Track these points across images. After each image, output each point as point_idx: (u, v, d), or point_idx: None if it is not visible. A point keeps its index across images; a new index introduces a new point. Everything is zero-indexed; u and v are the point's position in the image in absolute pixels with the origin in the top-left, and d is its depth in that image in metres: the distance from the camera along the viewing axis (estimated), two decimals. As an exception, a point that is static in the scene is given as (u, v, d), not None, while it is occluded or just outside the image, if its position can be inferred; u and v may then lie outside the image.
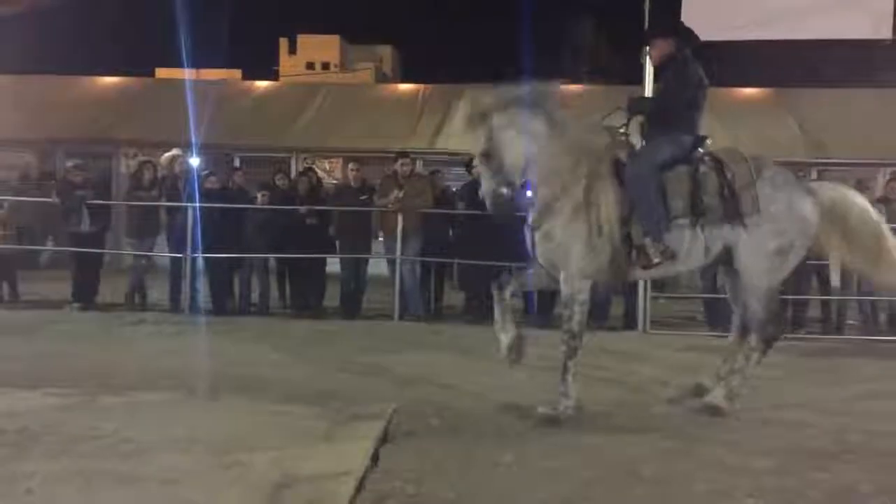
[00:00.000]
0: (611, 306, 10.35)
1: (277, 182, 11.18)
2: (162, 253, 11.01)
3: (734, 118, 16.33)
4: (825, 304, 10.34)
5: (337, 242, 10.79)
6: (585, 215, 5.62)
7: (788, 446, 5.04)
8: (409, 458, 4.57)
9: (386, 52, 62.41)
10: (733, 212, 5.64)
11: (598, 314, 10.15)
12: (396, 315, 10.13)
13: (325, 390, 6.16)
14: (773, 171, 5.82)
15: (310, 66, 57.49)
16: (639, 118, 6.16)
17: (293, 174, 12.80)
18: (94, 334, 8.59)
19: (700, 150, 5.93)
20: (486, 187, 5.80)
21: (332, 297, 10.78)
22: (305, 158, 16.03)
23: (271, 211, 10.47)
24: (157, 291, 10.98)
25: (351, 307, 10.46)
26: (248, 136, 16.63)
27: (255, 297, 10.71)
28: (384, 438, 4.87)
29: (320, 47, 61.46)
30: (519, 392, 6.29)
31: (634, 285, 9.80)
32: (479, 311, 10.10)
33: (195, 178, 10.45)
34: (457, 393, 6.26)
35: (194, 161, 11.43)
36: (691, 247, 5.74)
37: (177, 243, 10.39)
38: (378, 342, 8.53)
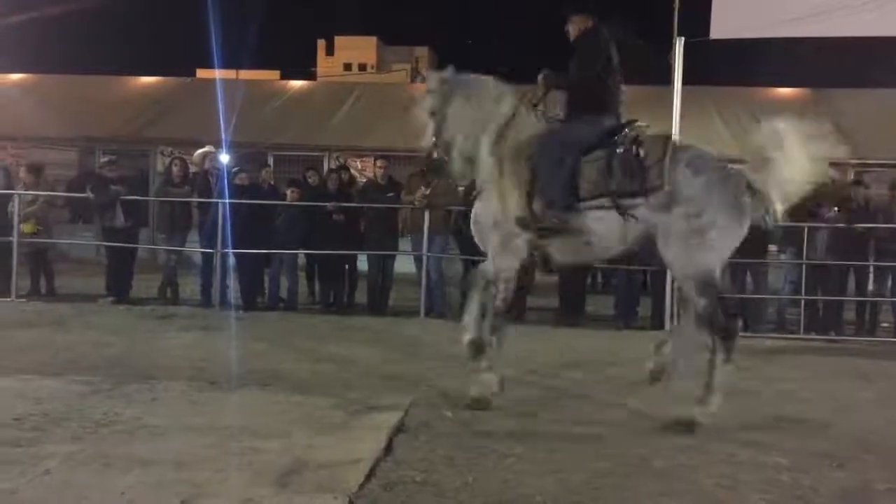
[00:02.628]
0: (639, 306, 10.33)
1: (309, 179, 11.30)
2: (192, 248, 11.18)
3: (769, 118, 16.15)
4: (860, 307, 10.20)
5: (364, 239, 10.86)
6: (497, 197, 5.85)
7: (806, 444, 4.99)
8: (422, 449, 4.61)
9: (422, 52, 62.58)
10: (640, 186, 5.47)
11: (625, 314, 10.15)
12: (423, 312, 10.17)
13: (346, 383, 6.24)
14: (694, 154, 5.55)
15: (347, 66, 57.91)
16: (557, 94, 6.18)
17: (325, 172, 12.91)
18: (124, 327, 8.75)
19: (625, 132, 5.79)
20: (424, 142, 6.21)
21: (361, 294, 10.88)
22: (338, 157, 16.15)
23: (300, 207, 10.57)
24: (190, 286, 11.17)
25: (378, 303, 10.54)
26: (283, 134, 16.80)
27: (283, 292, 10.83)
28: (399, 429, 4.92)
29: (357, 48, 61.85)
30: (535, 388, 6.34)
31: (662, 285, 9.76)
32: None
33: (225, 174, 10.59)
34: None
35: (224, 158, 11.57)
36: (604, 228, 5.66)
37: (207, 239, 10.55)
38: (402, 338, 8.58)
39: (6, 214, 10.72)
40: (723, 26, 9.40)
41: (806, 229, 9.54)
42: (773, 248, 10.44)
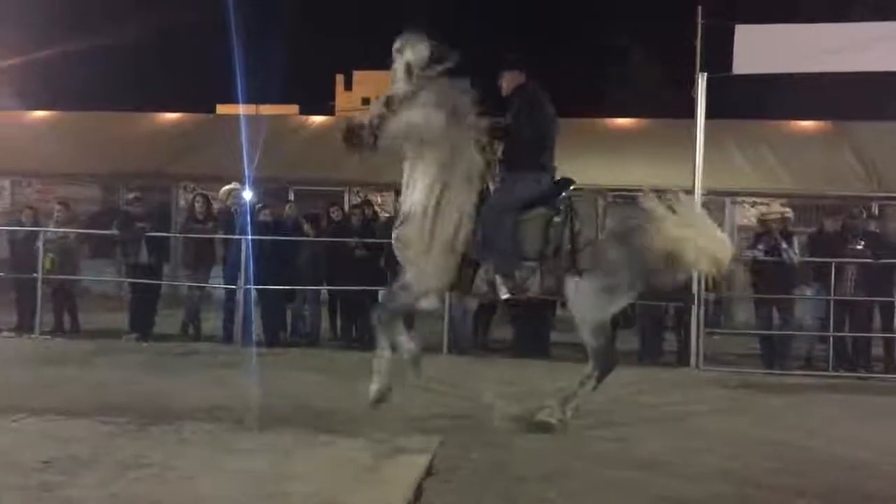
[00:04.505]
0: (663, 342, 10.22)
1: (332, 215, 11.34)
2: (215, 285, 11.21)
3: (790, 151, 16.11)
4: (888, 343, 10.06)
5: (387, 274, 10.85)
6: (441, 232, 5.97)
7: (842, 487, 4.90)
8: (452, 494, 4.54)
9: (439, 85, 62.87)
10: (573, 264, 5.99)
11: (650, 349, 10.05)
12: (445, 348, 10.12)
13: (372, 422, 6.15)
14: (618, 221, 6.11)
15: (365, 101, 58.15)
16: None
17: (346, 207, 12.97)
18: (148, 364, 8.76)
19: (563, 194, 6.16)
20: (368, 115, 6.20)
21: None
22: (358, 192, 16.21)
23: (322, 243, 10.60)
24: (211, 322, 11.18)
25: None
26: (304, 169, 16.87)
27: (306, 328, 10.81)
28: (428, 472, 4.86)
29: (376, 82, 62.12)
30: (565, 428, 6.25)
31: (687, 321, 9.66)
32: (527, 345, 10.09)
33: (248, 210, 10.65)
34: (502, 428, 6.18)
35: (247, 194, 11.65)
36: (532, 282, 6.13)
37: (231, 275, 10.58)
38: (426, 375, 8.49)
39: (31, 252, 10.82)
40: (745, 62, 9.40)
41: (833, 265, 9.45)
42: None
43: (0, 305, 11.15)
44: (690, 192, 9.82)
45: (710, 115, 10.05)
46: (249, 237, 10.24)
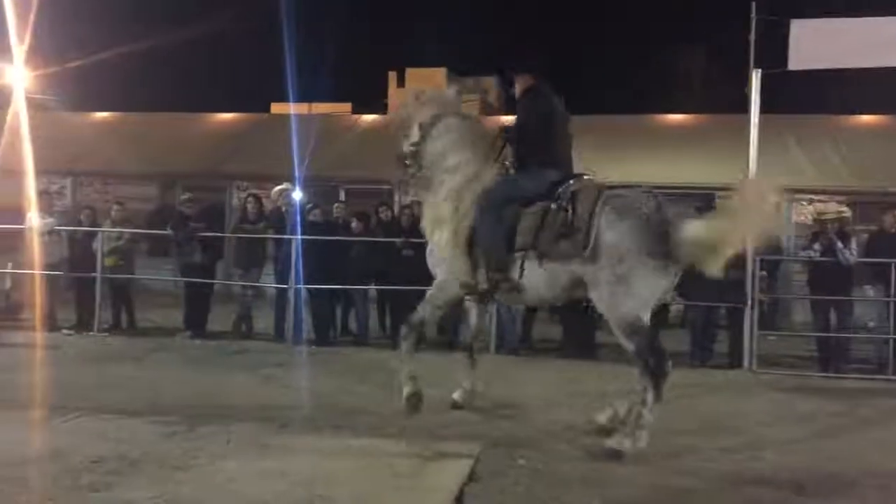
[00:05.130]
0: (715, 342, 10.04)
1: (381, 215, 11.40)
2: (266, 284, 11.37)
3: (853, 145, 15.71)
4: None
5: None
6: (451, 238, 6.24)
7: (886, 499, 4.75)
8: (494, 499, 4.53)
9: (490, 83, 62.84)
10: (568, 248, 5.76)
11: (701, 350, 9.88)
12: (493, 348, 10.09)
13: (416, 425, 6.17)
14: (620, 202, 5.73)
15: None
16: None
17: (396, 206, 13.01)
18: (201, 361, 8.93)
19: (568, 184, 5.99)
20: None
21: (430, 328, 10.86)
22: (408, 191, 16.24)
23: (371, 242, 10.67)
24: (263, 320, 11.34)
25: (448, 339, 10.51)
26: (355, 168, 16.97)
27: (355, 327, 10.90)
28: (470, 477, 4.85)
29: (428, 80, 62.25)
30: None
31: (740, 321, 9.47)
32: (573, 346, 10.02)
33: (298, 210, 10.78)
34: (546, 432, 6.17)
35: (297, 194, 11.78)
36: (536, 279, 5.97)
37: (281, 274, 10.72)
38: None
39: (90, 251, 11.10)
40: (800, 57, 9.18)
41: (893, 265, 9.18)
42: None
43: (60, 304, 11.43)
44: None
45: (767, 109, 9.86)
46: (299, 237, 10.37)
